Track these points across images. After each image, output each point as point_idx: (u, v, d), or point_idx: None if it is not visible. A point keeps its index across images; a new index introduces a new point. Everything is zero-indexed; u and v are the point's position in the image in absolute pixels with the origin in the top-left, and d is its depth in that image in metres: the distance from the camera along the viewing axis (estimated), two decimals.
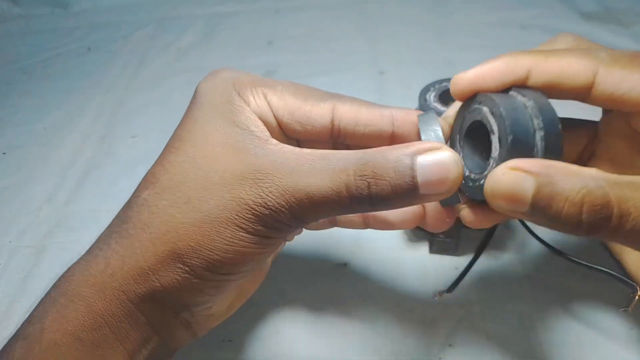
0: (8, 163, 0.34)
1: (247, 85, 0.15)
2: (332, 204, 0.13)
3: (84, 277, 0.14)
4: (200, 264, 0.13)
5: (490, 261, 0.24)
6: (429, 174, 0.12)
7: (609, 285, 0.22)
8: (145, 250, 0.14)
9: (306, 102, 0.15)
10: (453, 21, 0.45)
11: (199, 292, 0.14)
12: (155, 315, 0.14)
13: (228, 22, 0.48)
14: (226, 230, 0.13)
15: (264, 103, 0.15)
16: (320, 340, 0.21)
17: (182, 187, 0.14)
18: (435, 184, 0.12)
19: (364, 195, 0.12)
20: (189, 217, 0.13)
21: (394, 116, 0.15)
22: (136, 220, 0.14)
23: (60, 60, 0.45)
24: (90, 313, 0.14)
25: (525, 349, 0.20)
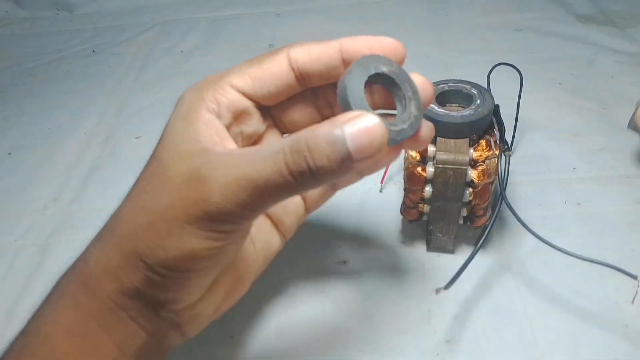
0: (13, 163, 0.34)
1: (209, 84, 0.16)
2: (277, 185, 0.13)
3: (70, 277, 0.16)
4: (157, 261, 0.15)
5: (487, 258, 0.24)
6: (357, 139, 0.13)
7: (606, 281, 0.23)
8: (113, 252, 0.15)
9: (263, 64, 0.16)
10: (450, 24, 0.46)
11: (163, 289, 0.15)
12: (135, 311, 0.15)
13: (230, 25, 0.49)
14: (176, 228, 0.14)
15: (232, 91, 0.16)
16: (320, 336, 0.21)
17: (142, 196, 0.15)
18: (365, 147, 0.13)
19: (304, 169, 0.13)
20: (145, 219, 0.15)
21: (342, 44, 0.16)
22: (108, 226, 0.16)
23: (64, 62, 0.46)
24: (77, 307, 0.15)
25: (522, 345, 0.21)
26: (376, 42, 0.16)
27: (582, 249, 0.21)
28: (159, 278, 0.15)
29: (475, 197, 0.22)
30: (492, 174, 0.21)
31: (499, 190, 0.22)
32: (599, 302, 0.22)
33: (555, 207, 0.27)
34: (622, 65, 0.38)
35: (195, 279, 0.15)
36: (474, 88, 0.23)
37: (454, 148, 0.21)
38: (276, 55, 0.16)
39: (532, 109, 0.33)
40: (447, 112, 0.21)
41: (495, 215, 0.21)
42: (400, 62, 0.16)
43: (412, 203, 0.23)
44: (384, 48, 0.16)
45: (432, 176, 0.21)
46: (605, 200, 0.27)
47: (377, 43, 0.16)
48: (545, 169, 0.29)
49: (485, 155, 0.21)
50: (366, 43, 0.16)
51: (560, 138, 0.31)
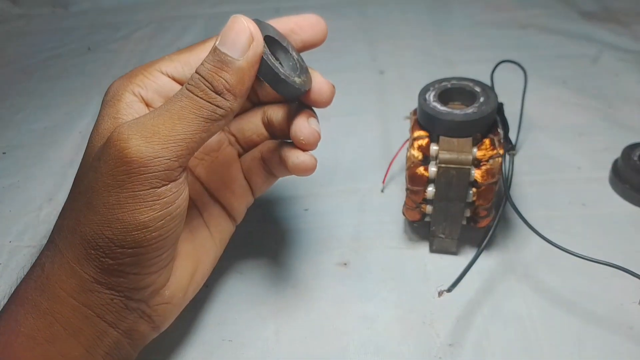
0: (8, 163, 0.34)
1: (138, 71, 0.17)
2: (184, 113, 0.14)
3: (27, 285, 0.16)
4: (105, 242, 0.14)
5: (491, 260, 0.24)
6: (225, 33, 0.14)
7: (611, 282, 0.22)
8: (64, 247, 0.15)
9: (194, 50, 0.17)
10: (453, 21, 0.45)
11: (120, 272, 0.15)
12: (101, 306, 0.15)
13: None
14: (109, 197, 0.14)
15: (162, 77, 0.17)
16: (320, 339, 0.21)
17: (77, 182, 0.15)
18: (236, 36, 0.14)
19: (201, 85, 0.14)
20: (80, 203, 0.15)
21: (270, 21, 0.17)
22: (56, 228, 0.16)
23: (60, 60, 0.45)
24: (38, 313, 0.15)
25: (525, 347, 0.20)
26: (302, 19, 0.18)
27: (587, 250, 0.21)
28: (113, 262, 0.14)
29: (478, 197, 0.21)
30: (496, 173, 0.21)
31: (502, 190, 0.22)
32: (604, 304, 0.21)
33: (560, 207, 0.26)
34: (627, 64, 0.37)
35: (150, 255, 0.15)
36: (478, 86, 0.22)
37: (457, 147, 0.20)
38: (207, 42, 0.17)
39: (537, 107, 0.32)
40: (450, 110, 0.21)
41: (499, 215, 0.21)
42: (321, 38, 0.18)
43: (414, 203, 0.23)
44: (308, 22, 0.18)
45: (435, 176, 0.21)
46: (611, 201, 0.27)
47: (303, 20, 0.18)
48: (549, 169, 0.29)
49: (489, 155, 0.21)
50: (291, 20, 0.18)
51: (564, 137, 0.31)
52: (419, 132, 0.22)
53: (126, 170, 0.13)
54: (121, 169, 0.14)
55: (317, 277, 0.24)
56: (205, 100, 0.14)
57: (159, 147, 0.13)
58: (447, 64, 0.39)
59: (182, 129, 0.14)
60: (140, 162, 0.13)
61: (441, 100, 0.22)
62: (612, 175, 0.27)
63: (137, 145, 0.13)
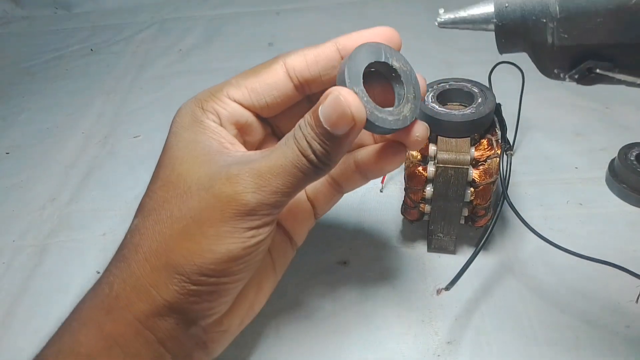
0: (11, 163, 0.34)
1: (207, 96, 0.16)
2: (292, 167, 0.14)
3: (92, 303, 0.16)
4: (193, 269, 0.14)
5: (489, 258, 0.24)
6: (328, 110, 0.14)
7: (607, 281, 0.22)
8: (142, 269, 0.15)
9: (260, 75, 0.16)
10: None
11: (198, 299, 0.15)
12: (164, 331, 0.15)
13: (229, 24, 0.49)
14: (210, 228, 0.14)
15: (231, 103, 0.16)
16: (320, 337, 0.21)
17: (165, 205, 0.15)
18: (335, 117, 0.14)
19: (311, 148, 0.14)
20: (174, 228, 0.15)
21: (339, 42, 0.16)
22: (129, 245, 0.16)
23: (63, 61, 0.46)
24: (100, 335, 0.15)
25: (523, 346, 0.20)
26: (371, 33, 0.16)
27: (584, 249, 0.21)
28: (195, 288, 0.15)
29: (476, 196, 0.22)
30: (493, 173, 0.21)
31: (500, 190, 0.22)
32: (601, 303, 0.22)
33: (557, 207, 0.27)
34: None
35: (230, 285, 0.15)
36: (475, 87, 0.22)
37: (455, 147, 0.21)
38: (272, 65, 0.16)
39: (534, 108, 0.32)
40: (448, 111, 0.21)
41: (497, 215, 0.21)
42: (396, 49, 0.16)
43: (413, 203, 0.23)
44: (381, 38, 0.16)
45: (433, 176, 0.21)
46: (607, 201, 0.27)
47: (372, 34, 0.16)
48: (547, 169, 0.29)
49: (487, 155, 0.21)
50: (362, 36, 0.16)
51: (562, 138, 0.31)
52: None
53: (236, 210, 0.14)
54: (231, 208, 0.14)
55: (317, 275, 0.24)
56: (307, 160, 0.14)
57: (267, 196, 0.14)
58: (445, 65, 0.39)
59: (288, 182, 0.14)
60: (251, 207, 0.14)
61: (440, 101, 0.22)
62: (608, 175, 0.28)
63: (252, 192, 0.14)
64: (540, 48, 0.11)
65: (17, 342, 0.23)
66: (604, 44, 0.11)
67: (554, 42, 0.11)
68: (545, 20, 0.11)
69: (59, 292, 0.25)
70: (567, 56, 0.11)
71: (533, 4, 0.11)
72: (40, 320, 0.23)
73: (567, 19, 0.11)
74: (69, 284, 0.25)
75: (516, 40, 0.12)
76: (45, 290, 0.25)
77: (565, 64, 0.11)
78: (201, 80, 0.43)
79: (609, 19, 0.10)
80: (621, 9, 0.10)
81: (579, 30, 0.11)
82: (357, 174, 0.19)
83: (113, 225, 0.28)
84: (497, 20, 0.12)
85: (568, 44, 0.11)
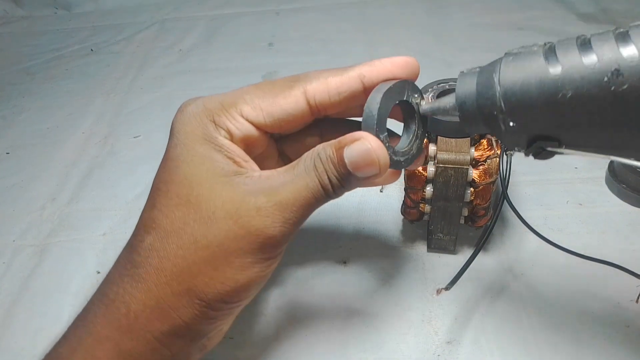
0: (12, 163, 0.34)
1: (219, 110, 0.16)
2: (312, 199, 0.15)
3: (108, 320, 0.15)
4: (215, 297, 0.15)
5: (489, 258, 0.24)
6: (355, 160, 0.14)
7: (607, 281, 0.22)
8: (163, 292, 0.15)
9: (277, 98, 0.16)
10: (451, 23, 0.45)
11: (214, 321, 0.16)
12: (179, 347, 0.16)
13: (229, 24, 0.49)
14: (236, 259, 0.15)
15: (242, 120, 0.16)
16: (320, 337, 0.21)
17: (187, 229, 0.15)
18: (364, 166, 0.14)
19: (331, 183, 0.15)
20: (199, 255, 0.15)
21: (362, 73, 0.16)
22: (147, 266, 0.15)
23: (63, 62, 0.46)
24: (119, 353, 0.15)
25: (522, 345, 0.20)
26: (394, 65, 0.16)
27: (584, 249, 0.21)
28: (214, 313, 0.15)
29: (476, 196, 0.22)
30: (493, 173, 0.21)
31: (500, 190, 0.22)
32: (601, 302, 0.22)
33: (557, 207, 0.27)
34: None
35: (242, 306, 0.16)
36: None
37: (455, 147, 0.21)
38: (291, 91, 0.16)
39: None
40: None
41: (496, 215, 0.21)
42: (415, 77, 0.16)
43: (412, 203, 0.23)
44: (401, 67, 0.16)
45: (433, 176, 0.21)
46: (607, 200, 0.27)
47: (394, 66, 0.16)
48: (546, 169, 0.29)
49: (487, 155, 0.21)
50: (385, 68, 0.16)
51: None
52: None
53: (262, 243, 0.15)
54: (259, 241, 0.14)
55: (317, 275, 0.24)
56: (324, 191, 0.15)
57: (290, 227, 0.15)
58: (445, 65, 0.39)
59: (307, 211, 0.15)
60: (277, 240, 0.15)
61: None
62: (608, 175, 0.28)
63: (280, 225, 0.15)
64: (497, 132, 0.13)
65: (17, 342, 0.23)
66: (547, 128, 0.13)
67: (506, 129, 0.13)
68: (496, 112, 0.13)
69: (59, 292, 0.25)
70: (520, 139, 0.13)
71: (484, 100, 0.13)
72: (40, 320, 0.23)
73: (512, 112, 0.13)
74: (69, 284, 0.25)
75: (478, 125, 0.14)
76: (45, 290, 0.25)
77: (521, 143, 0.13)
78: (201, 80, 0.43)
79: (545, 110, 0.12)
80: (551, 102, 0.12)
81: (523, 119, 0.13)
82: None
83: (113, 225, 0.28)
84: (460, 112, 0.14)
85: (518, 130, 0.13)
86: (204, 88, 0.40)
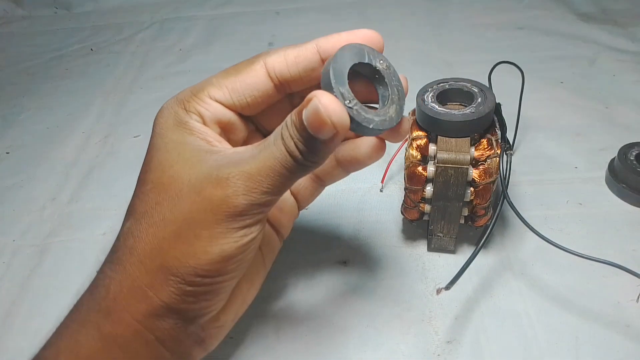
0: (11, 162, 0.34)
1: (189, 97, 0.16)
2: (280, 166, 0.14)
3: (89, 305, 0.16)
4: (188, 271, 0.15)
5: (489, 258, 0.24)
6: (312, 116, 0.14)
7: (607, 281, 0.22)
8: (138, 271, 0.15)
9: (240, 75, 0.16)
10: (451, 22, 0.46)
11: (194, 299, 0.15)
12: (163, 331, 0.15)
13: (229, 23, 0.49)
14: (203, 230, 0.14)
15: (213, 103, 0.16)
16: (320, 337, 0.21)
17: (157, 208, 0.15)
18: (319, 126, 0.13)
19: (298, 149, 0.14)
20: (168, 230, 0.15)
21: (318, 44, 0.16)
22: (123, 247, 0.15)
23: (63, 61, 0.46)
24: (100, 336, 0.15)
25: (523, 345, 0.20)
26: (352, 35, 0.16)
27: (584, 248, 0.21)
28: (191, 289, 0.15)
29: (476, 196, 0.22)
30: (493, 173, 0.21)
31: (500, 190, 0.22)
32: (601, 302, 0.22)
33: (557, 207, 0.27)
34: (624, 64, 0.38)
35: (225, 283, 0.16)
36: (475, 86, 0.22)
37: (455, 147, 0.21)
38: (252, 65, 0.16)
39: (534, 108, 0.32)
40: (448, 111, 0.21)
41: (496, 215, 0.21)
42: (379, 51, 0.16)
43: (412, 203, 0.23)
44: (360, 38, 0.16)
45: (433, 175, 0.21)
46: (607, 200, 0.27)
47: (353, 36, 0.16)
48: (546, 169, 0.29)
49: (487, 155, 0.21)
50: (342, 38, 0.16)
51: (561, 137, 0.31)
52: (417, 132, 0.22)
53: (228, 213, 0.14)
54: (223, 210, 0.14)
55: (317, 275, 0.24)
56: (294, 159, 0.14)
57: (258, 197, 0.14)
58: (445, 65, 0.39)
59: (277, 181, 0.14)
60: (242, 208, 0.14)
61: (439, 100, 0.22)
62: (608, 175, 0.28)
63: (243, 194, 0.14)
64: None
65: (17, 342, 0.23)
66: None
67: None
68: None
69: (59, 292, 0.25)
70: None
71: None
72: (40, 320, 0.23)
73: None
74: (69, 284, 0.25)
75: None
76: (45, 290, 0.25)
77: None
78: (201, 80, 0.43)
79: None
80: None
81: None
82: (337, 168, 0.19)
83: (113, 225, 0.28)
84: None
85: None
86: None
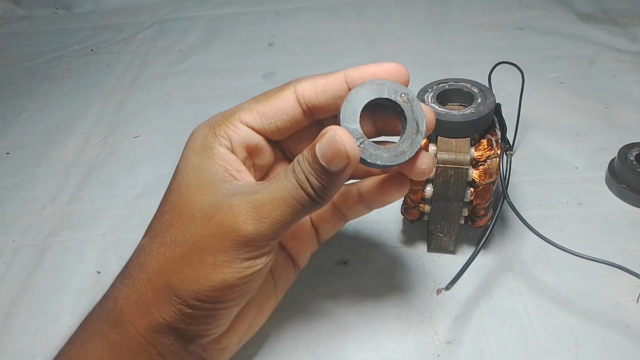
0: (12, 163, 0.34)
1: (220, 121, 0.17)
2: (291, 199, 0.15)
3: (99, 316, 0.16)
4: (190, 294, 0.15)
5: (489, 258, 0.24)
6: (324, 150, 0.14)
7: (607, 281, 0.22)
8: (145, 287, 0.15)
9: (270, 100, 0.17)
10: (451, 23, 0.46)
11: (194, 322, 0.16)
12: (164, 346, 0.16)
13: (230, 24, 0.49)
14: (209, 257, 0.15)
15: (243, 127, 0.17)
16: (320, 337, 0.21)
17: (171, 230, 0.16)
18: (331, 157, 0.14)
19: (309, 182, 0.15)
20: (176, 252, 0.15)
21: (347, 75, 0.16)
22: (135, 263, 0.16)
23: (63, 61, 0.46)
24: (107, 345, 0.16)
25: (523, 345, 0.20)
26: (379, 68, 0.16)
27: (584, 248, 0.21)
28: (191, 311, 0.15)
29: (476, 197, 0.22)
30: (493, 173, 0.21)
31: (500, 190, 0.22)
32: (601, 302, 0.22)
33: (557, 207, 0.27)
34: (624, 64, 0.38)
35: (225, 310, 0.16)
36: (475, 87, 0.22)
37: (455, 147, 0.21)
38: (283, 91, 0.17)
39: (534, 108, 0.32)
40: (448, 111, 0.21)
41: (496, 215, 0.21)
42: (404, 85, 0.16)
43: (412, 203, 0.23)
44: (388, 73, 0.16)
45: (433, 176, 0.21)
46: (607, 200, 0.27)
47: (380, 69, 0.16)
48: (546, 169, 0.29)
49: (487, 155, 0.21)
50: (370, 71, 0.16)
51: (562, 137, 0.31)
52: None
53: (235, 240, 0.15)
54: (231, 238, 0.15)
55: (317, 275, 0.24)
56: (305, 193, 0.15)
57: (266, 227, 0.15)
58: (445, 65, 0.40)
59: (287, 213, 0.15)
60: (250, 237, 0.15)
61: (439, 101, 0.22)
62: (608, 175, 0.28)
63: (252, 223, 0.15)
64: None
65: (17, 342, 0.23)
66: None
67: None
68: None
69: (59, 292, 0.25)
70: None
71: None
72: (40, 320, 0.23)
73: None
74: (69, 283, 0.25)
75: None
76: (45, 290, 0.25)
77: None
78: (201, 80, 0.43)
79: None
80: None
81: None
82: (360, 204, 0.19)
83: (113, 225, 0.28)
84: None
85: None
86: (204, 88, 0.40)
